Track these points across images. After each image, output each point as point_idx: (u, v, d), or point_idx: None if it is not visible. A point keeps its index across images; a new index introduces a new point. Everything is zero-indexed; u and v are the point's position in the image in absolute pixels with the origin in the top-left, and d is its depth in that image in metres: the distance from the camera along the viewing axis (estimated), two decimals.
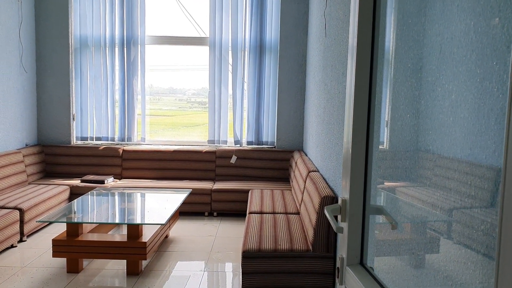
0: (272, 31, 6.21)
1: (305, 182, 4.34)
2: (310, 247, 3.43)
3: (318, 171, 4.38)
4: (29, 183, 5.63)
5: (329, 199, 3.33)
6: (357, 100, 1.40)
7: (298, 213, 4.48)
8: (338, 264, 1.49)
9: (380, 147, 1.54)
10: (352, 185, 1.42)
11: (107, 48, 6.21)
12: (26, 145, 6.01)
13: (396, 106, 1.51)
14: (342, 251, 1.49)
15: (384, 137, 1.57)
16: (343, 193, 1.49)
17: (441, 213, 1.22)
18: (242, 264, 3.37)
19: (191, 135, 7.85)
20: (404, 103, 1.46)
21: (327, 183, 3.76)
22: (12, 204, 4.56)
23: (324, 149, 4.15)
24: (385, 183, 1.58)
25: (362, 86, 1.40)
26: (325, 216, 3.34)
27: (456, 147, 1.14)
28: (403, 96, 1.47)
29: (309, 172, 4.31)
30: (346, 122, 1.48)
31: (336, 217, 1.53)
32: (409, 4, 1.49)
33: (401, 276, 1.46)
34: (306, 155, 5.60)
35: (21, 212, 4.51)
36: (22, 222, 4.52)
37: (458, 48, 1.12)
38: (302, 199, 4.34)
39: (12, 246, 4.45)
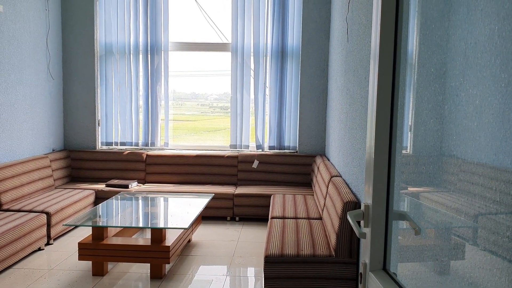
0: (294, 36, 6.23)
1: (327, 187, 4.32)
2: (333, 253, 3.42)
3: (341, 176, 4.36)
4: (56, 188, 5.75)
5: (352, 205, 3.31)
6: (379, 104, 1.40)
7: (320, 218, 4.46)
8: (361, 270, 1.49)
9: (403, 152, 1.53)
10: (375, 190, 1.42)
11: (131, 54, 6.32)
12: (53, 150, 6.15)
13: (420, 111, 1.50)
14: (365, 257, 1.48)
15: (407, 142, 1.56)
16: (366, 198, 1.49)
17: (466, 219, 1.21)
18: (264, 269, 3.38)
19: (213, 139, 7.91)
20: (428, 108, 1.45)
21: (349, 188, 3.74)
22: (39, 208, 4.67)
23: (347, 154, 4.13)
24: (409, 188, 1.57)
25: (384, 91, 1.40)
26: (348, 221, 3.32)
27: (480, 152, 1.13)
28: (426, 101, 1.47)
29: (332, 177, 4.30)
30: (369, 127, 1.48)
31: (358, 223, 1.53)
32: (432, 9, 1.49)
33: (425, 282, 1.45)
34: (329, 160, 5.58)
35: (48, 215, 4.62)
36: (49, 225, 4.62)
37: (483, 53, 1.12)
38: (324, 204, 4.32)
39: (39, 249, 4.55)
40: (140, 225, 4.22)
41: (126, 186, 5.82)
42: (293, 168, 6.17)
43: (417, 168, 1.54)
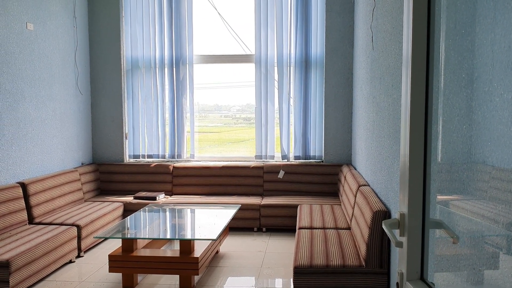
0: (318, 46, 6.22)
1: (355, 196, 4.28)
2: (363, 263, 3.37)
3: (369, 185, 4.31)
4: (85, 201, 5.85)
5: (382, 214, 3.27)
6: (413, 112, 1.38)
7: (349, 228, 4.41)
8: (397, 279, 1.46)
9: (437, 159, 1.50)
10: (410, 198, 1.40)
11: (157, 68, 6.43)
12: (82, 164, 6.27)
13: (451, 118, 1.48)
14: (401, 266, 1.46)
15: (438, 149, 1.54)
16: (401, 207, 1.47)
17: (504, 227, 1.18)
18: (293, 280, 3.35)
19: (237, 150, 7.93)
20: (460, 114, 1.43)
21: (378, 198, 3.70)
22: (70, 221, 4.75)
23: (374, 162, 4.08)
24: (444, 196, 1.55)
25: (418, 98, 1.39)
26: (378, 231, 3.28)
27: None
28: (458, 107, 1.45)
29: (359, 186, 4.25)
30: (402, 135, 1.46)
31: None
32: (462, 13, 1.47)
33: None
34: (355, 169, 5.53)
35: (79, 228, 4.69)
36: (79, 238, 4.69)
37: None
38: (352, 213, 4.28)
39: (70, 262, 4.62)
40: (168, 236, 4.25)
41: (154, 198, 5.88)
42: (319, 178, 6.12)
43: (450, 176, 1.51)
